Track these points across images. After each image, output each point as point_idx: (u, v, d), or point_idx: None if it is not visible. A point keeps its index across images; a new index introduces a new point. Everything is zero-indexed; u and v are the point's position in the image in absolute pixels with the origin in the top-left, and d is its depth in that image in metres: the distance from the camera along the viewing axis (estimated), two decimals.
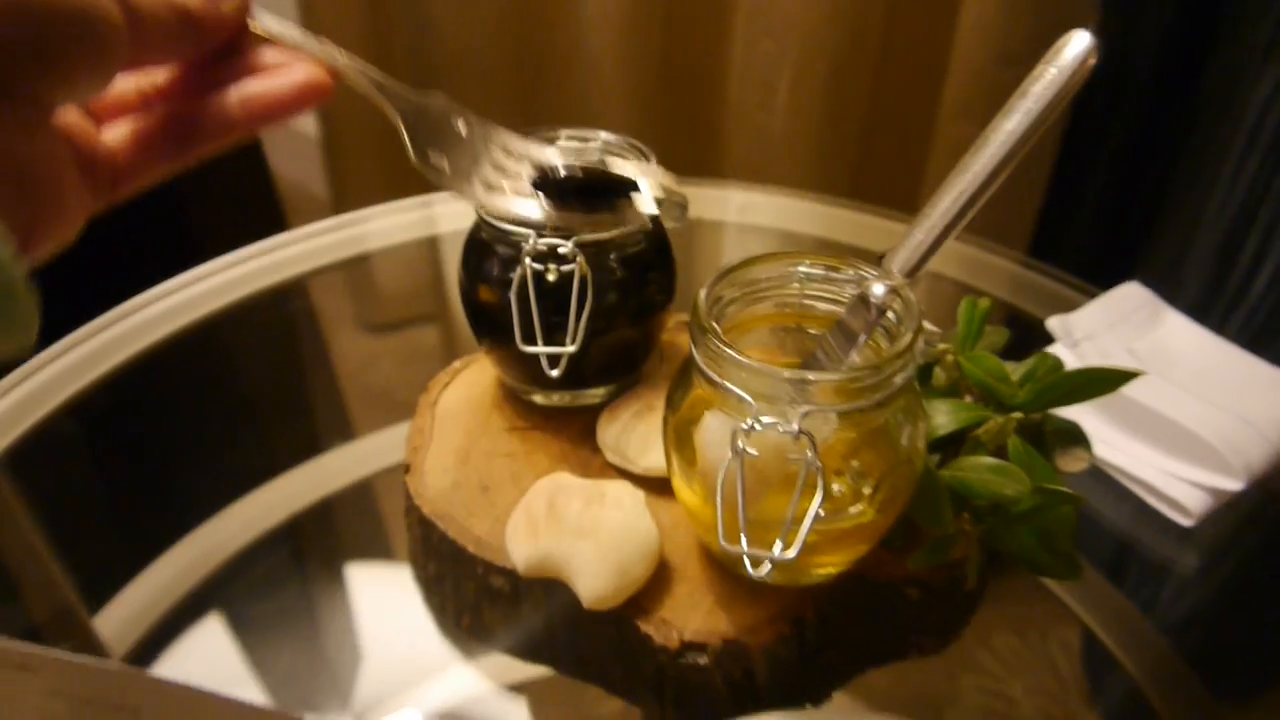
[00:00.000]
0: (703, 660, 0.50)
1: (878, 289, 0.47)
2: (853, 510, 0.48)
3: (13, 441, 0.70)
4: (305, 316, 0.94)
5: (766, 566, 0.43)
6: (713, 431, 0.47)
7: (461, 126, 0.48)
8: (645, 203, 0.53)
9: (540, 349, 0.55)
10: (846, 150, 1.30)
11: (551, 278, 0.55)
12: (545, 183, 0.52)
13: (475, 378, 0.67)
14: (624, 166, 0.54)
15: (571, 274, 0.55)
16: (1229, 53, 1.03)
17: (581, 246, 0.54)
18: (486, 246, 0.58)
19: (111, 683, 0.41)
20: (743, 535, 0.44)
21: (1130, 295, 0.76)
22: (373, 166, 1.52)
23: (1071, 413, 0.59)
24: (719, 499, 0.44)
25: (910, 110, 1.26)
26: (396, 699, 0.59)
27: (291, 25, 0.44)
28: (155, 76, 0.43)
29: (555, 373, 0.55)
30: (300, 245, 0.92)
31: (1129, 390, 0.67)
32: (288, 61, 0.43)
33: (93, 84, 0.37)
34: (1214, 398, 0.68)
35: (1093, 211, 1.22)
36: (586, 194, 0.53)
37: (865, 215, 0.96)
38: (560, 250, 0.54)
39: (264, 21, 0.43)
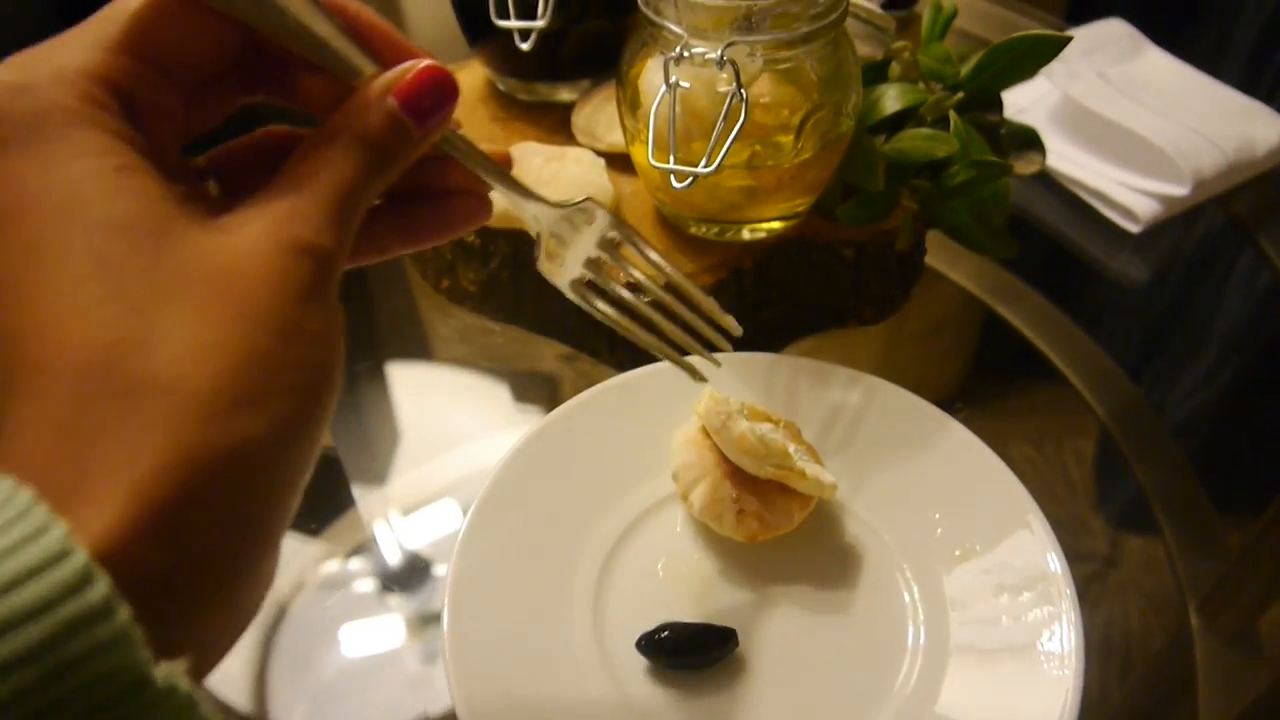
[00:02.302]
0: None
1: None
2: (780, 143, 0.51)
3: None
4: None
5: (690, 180, 0.47)
6: (652, 71, 0.51)
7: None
8: None
9: (513, 23, 0.59)
10: None
11: None
12: None
13: (465, 77, 0.71)
14: None
15: None
16: None
17: None
18: None
19: None
20: (671, 155, 0.48)
21: (1111, 27, 0.78)
22: None
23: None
24: (651, 123, 0.49)
25: None
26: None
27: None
28: None
29: (526, 46, 0.59)
30: None
31: (1089, 102, 0.70)
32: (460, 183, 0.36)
33: None
34: (1176, 116, 0.70)
35: None
36: None
37: None
38: None
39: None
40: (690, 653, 0.44)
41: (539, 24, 0.59)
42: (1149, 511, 0.57)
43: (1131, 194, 0.68)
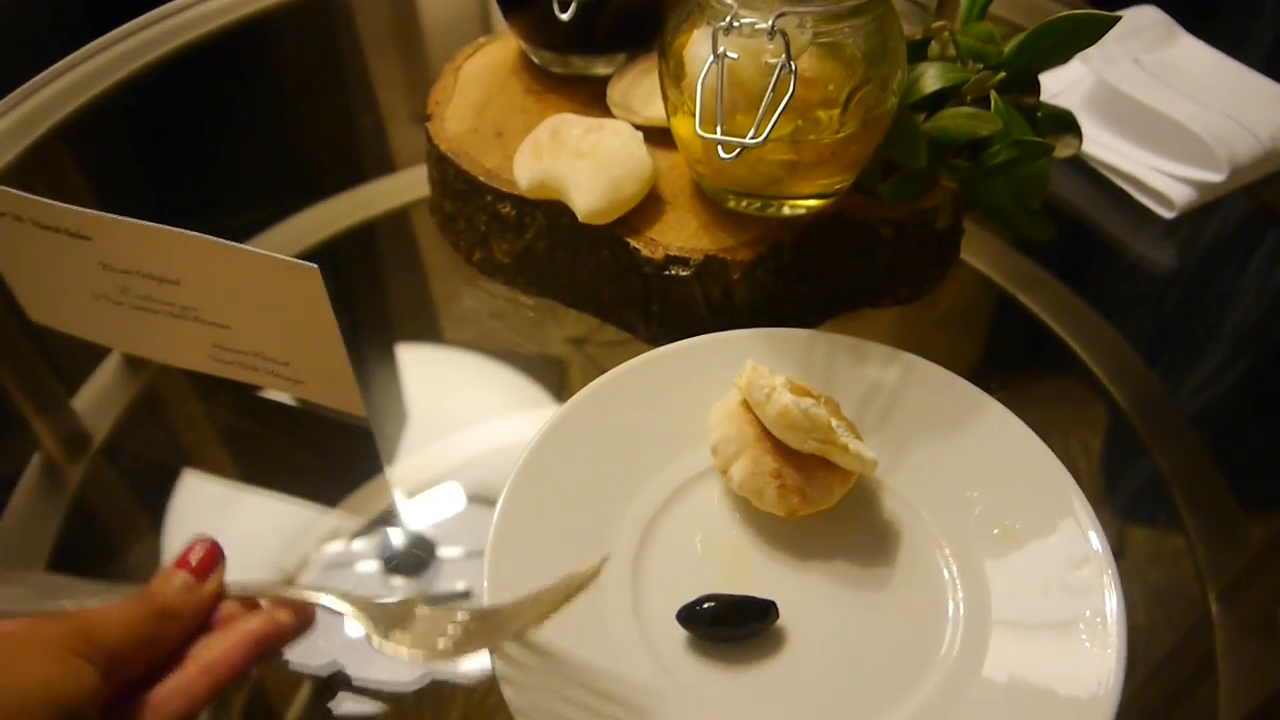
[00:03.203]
0: (684, 273, 0.55)
1: None
2: (823, 116, 0.51)
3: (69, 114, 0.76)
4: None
5: (738, 151, 0.47)
6: (698, 43, 0.51)
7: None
8: None
9: None
10: None
11: None
12: None
13: (499, 50, 0.70)
14: None
15: None
16: None
17: None
18: None
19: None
20: (719, 125, 0.48)
21: (1145, 13, 0.77)
22: None
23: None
24: (699, 94, 0.48)
25: None
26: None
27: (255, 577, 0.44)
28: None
29: (565, 16, 0.59)
30: None
31: (1125, 87, 0.70)
32: (238, 613, 0.42)
33: None
34: (1211, 103, 0.69)
35: None
36: None
37: None
38: None
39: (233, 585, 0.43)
40: (731, 624, 0.44)
41: None
42: (1160, 503, 0.57)
43: (1167, 180, 0.68)
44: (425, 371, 0.65)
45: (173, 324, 0.55)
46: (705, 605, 0.45)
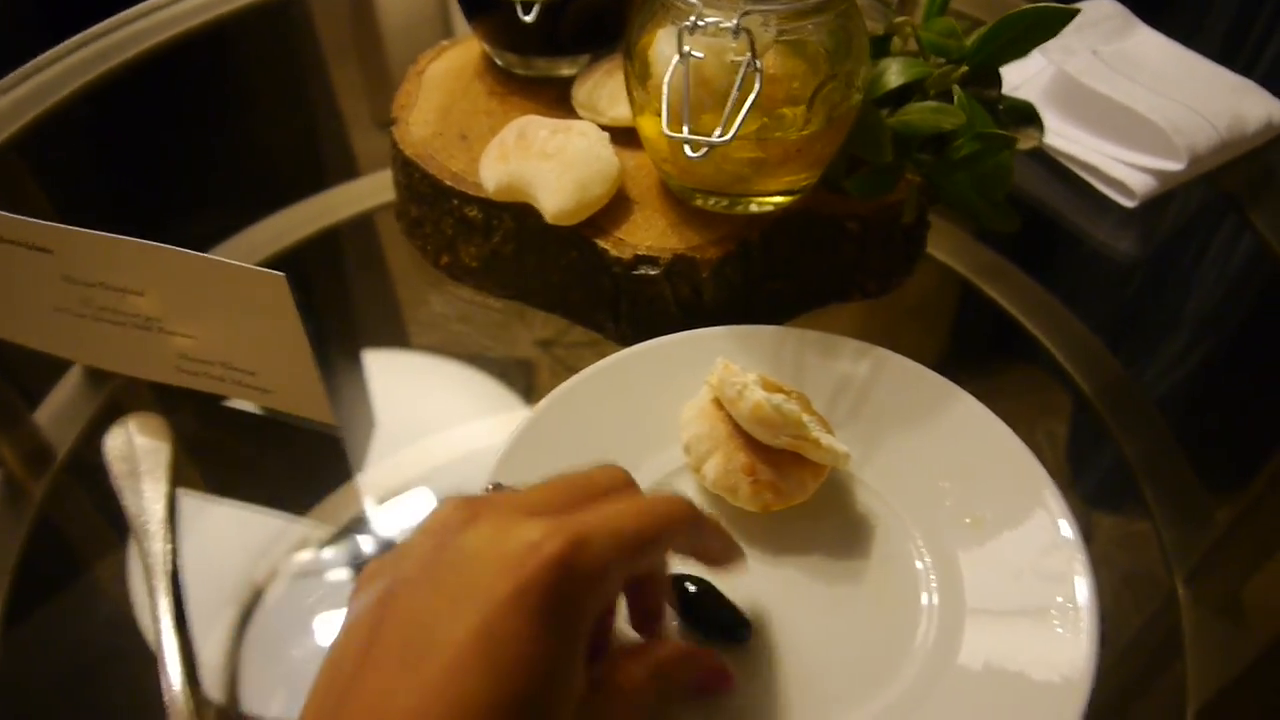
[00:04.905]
0: (653, 272, 0.55)
1: None
2: (789, 114, 0.51)
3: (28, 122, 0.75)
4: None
5: (705, 150, 0.47)
6: (662, 42, 0.51)
7: None
8: None
9: None
10: None
11: None
12: None
13: (462, 53, 0.70)
14: None
15: None
16: None
17: None
18: None
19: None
20: (685, 125, 0.48)
21: (1101, 6, 0.78)
22: None
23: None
24: (665, 94, 0.48)
25: None
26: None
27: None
28: None
29: (529, 17, 0.59)
30: None
31: (1084, 79, 0.71)
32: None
33: None
34: (1169, 93, 0.70)
35: None
36: None
37: None
38: None
39: None
40: (698, 626, 0.44)
41: None
42: (1125, 489, 0.58)
43: (1127, 169, 0.69)
44: (393, 377, 0.64)
45: (137, 336, 0.54)
46: (687, 586, 0.45)
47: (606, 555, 0.32)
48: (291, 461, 0.59)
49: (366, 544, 0.54)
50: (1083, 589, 0.44)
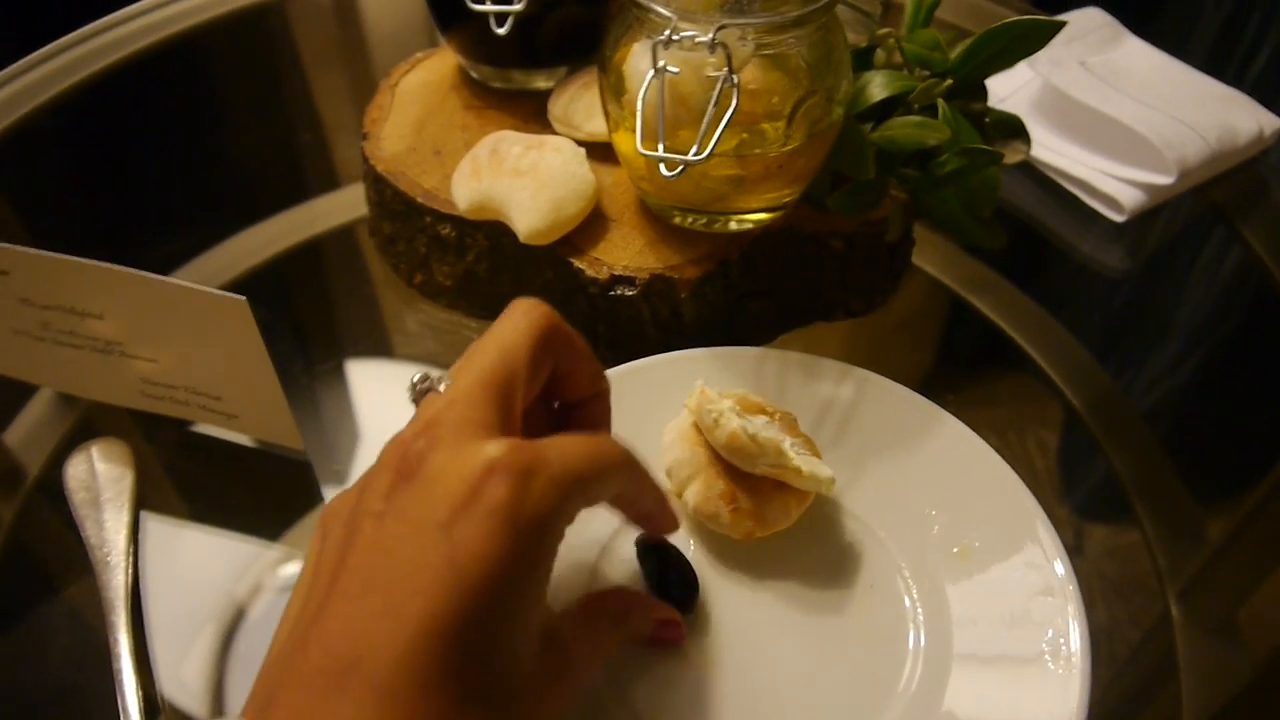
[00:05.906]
0: (631, 292, 0.54)
1: None
2: (769, 129, 0.50)
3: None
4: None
5: (680, 168, 0.46)
6: (637, 56, 0.50)
7: None
8: None
9: (488, 6, 0.57)
10: None
11: None
12: None
13: (437, 65, 0.69)
14: None
15: None
16: None
17: None
18: None
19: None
20: (660, 142, 0.47)
21: (1090, 16, 0.77)
22: None
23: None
24: (639, 110, 0.47)
25: None
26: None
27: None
28: None
29: (502, 30, 0.57)
30: None
31: (1072, 91, 0.70)
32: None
33: None
34: (1158, 105, 0.69)
35: None
36: None
37: None
38: None
39: None
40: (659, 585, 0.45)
41: (516, 7, 0.57)
42: (1116, 500, 0.57)
43: (1116, 183, 0.67)
44: (367, 397, 0.62)
45: (98, 360, 0.52)
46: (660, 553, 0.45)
47: (566, 468, 0.33)
48: (262, 486, 0.57)
49: None
50: (1075, 632, 0.43)
